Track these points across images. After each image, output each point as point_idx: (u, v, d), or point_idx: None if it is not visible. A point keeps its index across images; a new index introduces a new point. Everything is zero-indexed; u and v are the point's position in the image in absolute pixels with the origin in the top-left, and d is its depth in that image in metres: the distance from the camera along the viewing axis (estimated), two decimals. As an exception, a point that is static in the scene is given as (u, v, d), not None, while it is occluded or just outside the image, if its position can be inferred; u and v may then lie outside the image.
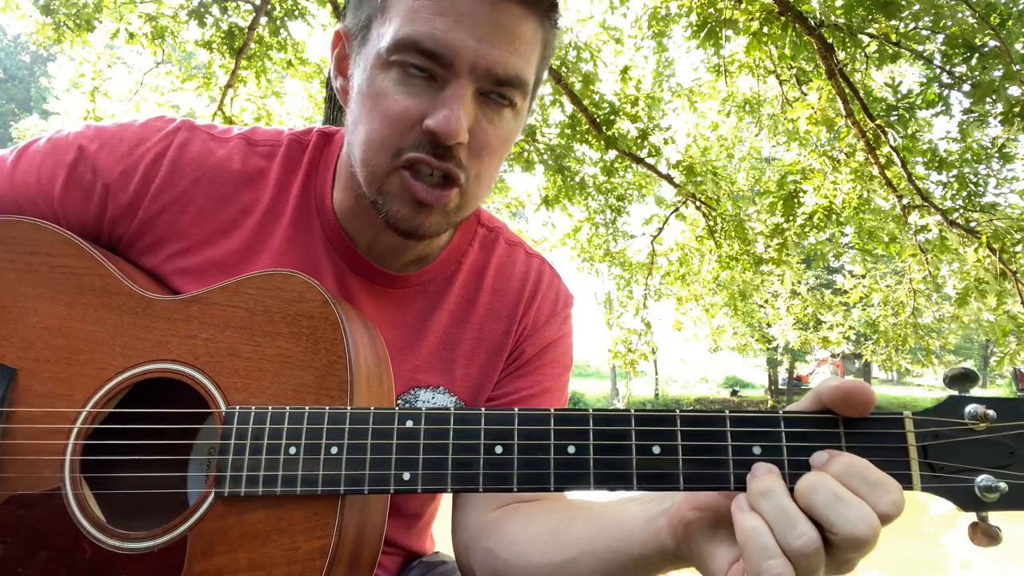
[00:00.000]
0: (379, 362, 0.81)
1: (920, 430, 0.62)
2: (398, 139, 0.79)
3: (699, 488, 0.63)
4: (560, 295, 1.07)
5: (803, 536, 0.54)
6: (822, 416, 0.63)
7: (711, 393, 29.47)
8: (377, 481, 0.67)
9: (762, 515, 0.57)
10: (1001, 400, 0.62)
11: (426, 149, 0.78)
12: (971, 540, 0.60)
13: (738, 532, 0.57)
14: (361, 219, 0.92)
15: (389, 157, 0.80)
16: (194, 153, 0.92)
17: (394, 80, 0.78)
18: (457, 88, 0.76)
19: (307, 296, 0.77)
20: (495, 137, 0.82)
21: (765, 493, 0.58)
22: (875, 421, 0.62)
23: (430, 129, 0.76)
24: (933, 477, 0.61)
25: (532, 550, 0.80)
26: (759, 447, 0.63)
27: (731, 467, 0.63)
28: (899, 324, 7.56)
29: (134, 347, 0.77)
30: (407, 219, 0.82)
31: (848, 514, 0.54)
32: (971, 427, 0.61)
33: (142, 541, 0.71)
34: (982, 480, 0.60)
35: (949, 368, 0.63)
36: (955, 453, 0.61)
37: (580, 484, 0.64)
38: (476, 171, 0.82)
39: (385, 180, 0.81)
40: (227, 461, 0.70)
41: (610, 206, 8.18)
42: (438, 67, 0.76)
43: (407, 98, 0.78)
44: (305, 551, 0.68)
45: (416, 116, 0.78)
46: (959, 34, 4.06)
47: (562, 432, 0.66)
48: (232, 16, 5.91)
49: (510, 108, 0.82)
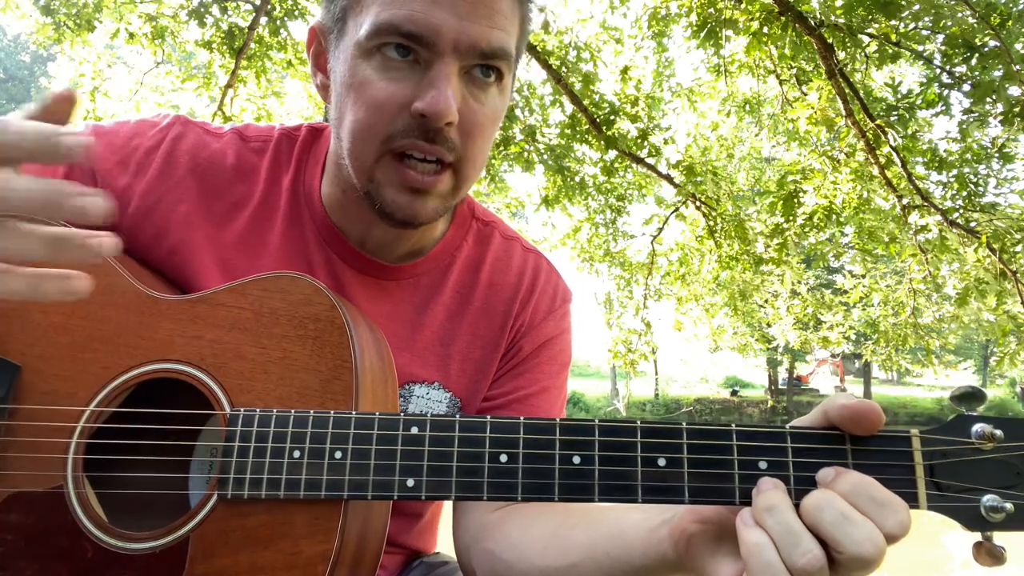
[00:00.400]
0: (384, 366, 0.81)
1: (927, 448, 0.61)
2: (386, 126, 0.78)
3: (704, 502, 0.63)
4: (558, 291, 1.06)
5: (808, 554, 0.54)
6: (829, 432, 0.62)
7: (711, 393, 29.47)
8: (381, 487, 0.67)
9: (767, 531, 0.57)
10: (1009, 420, 0.61)
11: (416, 134, 0.77)
12: (975, 559, 0.60)
13: (742, 547, 0.57)
14: (351, 214, 0.92)
15: (378, 144, 0.79)
16: (188, 146, 0.92)
17: (376, 67, 0.77)
18: (442, 68, 0.76)
19: (314, 299, 0.77)
20: (483, 116, 0.81)
21: (770, 509, 0.57)
22: (882, 439, 0.61)
23: (419, 111, 0.76)
24: (939, 496, 0.60)
25: (532, 553, 0.80)
26: (765, 462, 0.62)
27: (736, 481, 0.62)
28: (899, 324, 7.56)
29: (139, 346, 0.77)
30: (402, 208, 0.82)
31: (855, 534, 0.54)
32: (978, 447, 0.61)
33: (143, 542, 0.71)
34: (988, 500, 0.59)
35: (956, 388, 0.63)
36: (962, 473, 0.61)
37: (585, 495, 0.64)
38: (468, 151, 0.82)
39: (375, 169, 0.81)
40: (230, 463, 0.70)
41: (610, 206, 8.18)
42: (421, 48, 0.76)
43: (391, 84, 0.77)
44: (307, 556, 0.68)
45: (402, 101, 0.77)
46: (959, 34, 4.06)
47: (567, 442, 0.65)
48: (232, 16, 5.91)
49: (495, 84, 0.82)
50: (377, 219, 0.86)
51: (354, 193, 0.87)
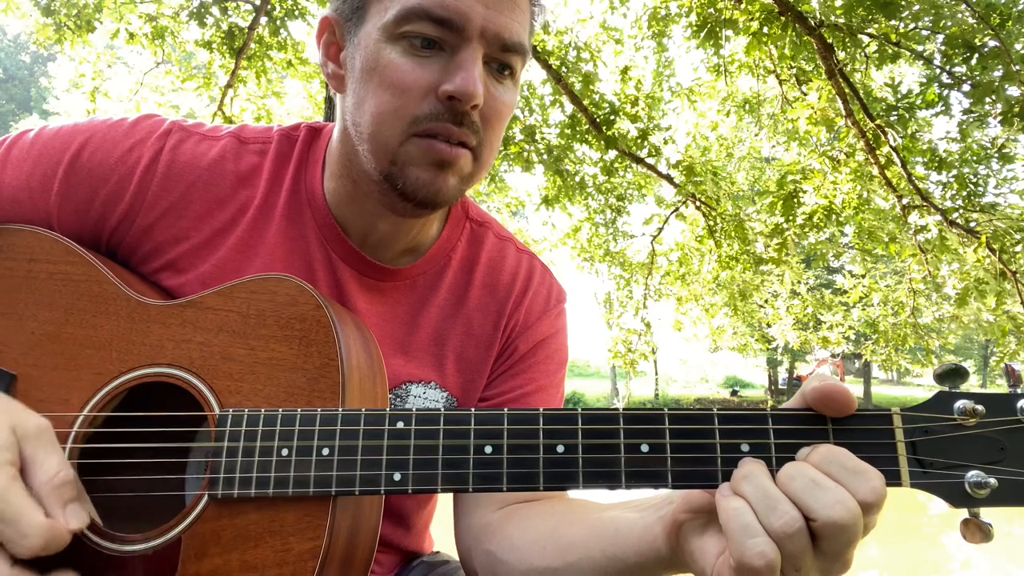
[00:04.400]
0: (372, 363, 0.81)
1: (909, 426, 0.62)
2: (413, 107, 0.79)
3: (687, 486, 0.63)
4: (552, 291, 1.06)
5: (785, 515, 0.54)
6: (810, 413, 0.63)
7: (711, 393, 29.48)
8: (368, 482, 0.68)
9: (744, 497, 0.57)
10: (991, 395, 0.61)
11: (446, 117, 0.79)
12: (963, 536, 0.60)
13: (721, 515, 0.58)
14: (356, 206, 0.92)
15: (404, 127, 0.80)
16: (188, 156, 0.91)
17: (402, 52, 0.79)
18: (470, 52, 0.78)
19: (300, 299, 0.77)
20: (502, 103, 0.84)
21: (747, 476, 0.58)
22: (863, 418, 0.62)
23: (448, 93, 0.77)
24: (922, 473, 0.60)
25: (532, 553, 0.81)
26: (747, 444, 0.63)
27: (719, 464, 0.63)
28: (899, 324, 7.56)
29: (130, 351, 0.78)
30: (426, 184, 0.82)
31: (824, 498, 0.54)
32: (961, 423, 0.61)
33: (136, 543, 0.71)
34: (972, 476, 0.59)
35: (939, 366, 0.63)
36: (945, 449, 0.61)
37: (569, 483, 0.65)
38: (487, 137, 0.84)
39: (399, 150, 0.81)
40: (220, 463, 0.70)
41: (610, 206, 8.18)
42: (449, 33, 0.78)
43: (417, 68, 0.78)
44: (297, 552, 0.68)
45: (429, 85, 0.78)
46: (959, 34, 4.06)
47: (551, 432, 0.66)
48: (232, 16, 5.92)
49: (510, 78, 0.85)
50: (385, 211, 0.87)
51: (367, 182, 0.87)
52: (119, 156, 0.88)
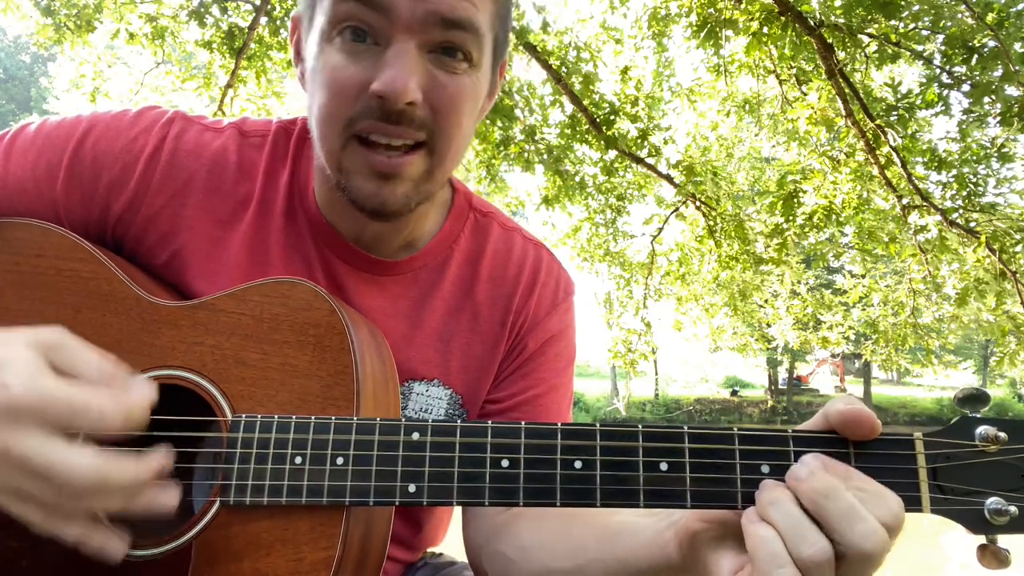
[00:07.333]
0: (385, 369, 0.81)
1: (930, 452, 0.61)
2: (347, 108, 0.76)
3: (706, 506, 0.63)
4: (560, 283, 1.04)
5: (814, 546, 0.55)
6: (832, 436, 0.62)
7: (711, 393, 29.46)
8: (382, 493, 0.67)
9: (773, 524, 0.57)
10: (1013, 422, 0.61)
11: (377, 115, 0.75)
12: (980, 562, 0.60)
13: (748, 541, 0.58)
14: (343, 211, 0.90)
15: (341, 129, 0.77)
16: (191, 145, 0.91)
17: (338, 50, 0.76)
18: (400, 46, 0.74)
19: (314, 304, 0.77)
20: (455, 91, 0.78)
21: (775, 503, 0.58)
22: (885, 442, 0.62)
23: (376, 92, 0.74)
24: (943, 499, 0.61)
25: (542, 554, 0.81)
26: (767, 465, 0.63)
27: (739, 485, 0.63)
28: (899, 324, 7.56)
29: (140, 352, 0.77)
30: (370, 196, 0.79)
31: (861, 528, 0.55)
32: (983, 449, 0.61)
33: (147, 548, 0.71)
34: (992, 503, 0.59)
35: (960, 390, 0.63)
36: (965, 475, 0.61)
37: (587, 500, 0.64)
38: (441, 126, 0.79)
39: (343, 156, 0.79)
40: (232, 470, 0.70)
41: (610, 206, 8.17)
42: (378, 19, 0.73)
43: (351, 65, 0.75)
44: (310, 562, 0.68)
45: (361, 82, 0.75)
46: (958, 34, 4.07)
47: (569, 447, 0.65)
48: (232, 16, 5.90)
49: (466, 62, 0.79)
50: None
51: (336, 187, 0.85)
52: (124, 144, 0.89)
